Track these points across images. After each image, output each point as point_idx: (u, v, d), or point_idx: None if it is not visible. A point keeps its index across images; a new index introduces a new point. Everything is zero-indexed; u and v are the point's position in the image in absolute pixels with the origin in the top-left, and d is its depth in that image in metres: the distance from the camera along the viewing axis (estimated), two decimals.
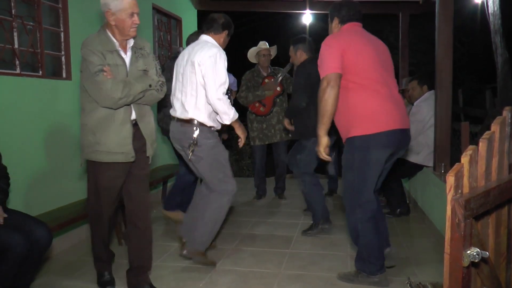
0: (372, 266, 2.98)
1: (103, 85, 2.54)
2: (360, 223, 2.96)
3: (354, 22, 3.04)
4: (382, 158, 2.85)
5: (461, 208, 1.29)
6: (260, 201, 5.51)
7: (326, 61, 2.81)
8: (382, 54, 2.96)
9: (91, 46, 2.62)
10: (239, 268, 3.34)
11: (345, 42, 2.84)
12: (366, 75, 2.82)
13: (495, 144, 1.56)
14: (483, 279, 1.53)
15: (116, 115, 2.67)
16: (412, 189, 5.29)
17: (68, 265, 3.45)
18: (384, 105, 2.81)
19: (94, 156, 2.72)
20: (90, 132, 2.68)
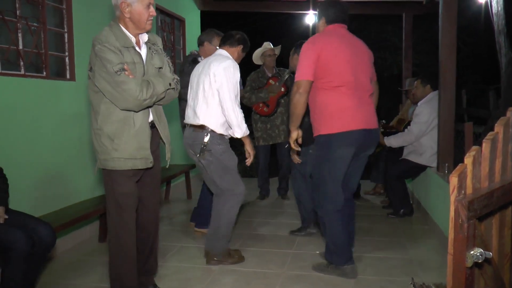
0: (339, 258, 3.17)
1: (126, 86, 2.33)
2: (326, 216, 3.16)
3: (339, 23, 3.16)
4: (346, 155, 3.05)
5: (464, 209, 1.29)
6: (264, 201, 5.52)
7: (301, 66, 3.03)
8: (359, 57, 3.12)
9: (108, 42, 2.38)
10: (242, 268, 3.35)
11: (320, 46, 3.01)
12: (336, 78, 3.00)
13: (498, 145, 1.56)
14: (486, 280, 1.53)
15: (135, 118, 2.48)
16: (415, 190, 5.28)
17: (71, 265, 3.46)
18: (349, 106, 3.01)
19: (111, 164, 2.49)
20: (107, 138, 2.46)
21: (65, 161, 3.78)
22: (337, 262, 3.17)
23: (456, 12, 4.06)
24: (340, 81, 3.00)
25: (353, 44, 3.12)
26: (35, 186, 3.42)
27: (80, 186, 3.95)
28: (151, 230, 2.86)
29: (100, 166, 2.54)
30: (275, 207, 5.24)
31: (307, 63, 3.00)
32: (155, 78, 2.49)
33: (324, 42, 3.04)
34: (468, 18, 10.16)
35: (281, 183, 5.60)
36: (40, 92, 3.52)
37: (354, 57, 3.06)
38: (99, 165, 2.55)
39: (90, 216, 3.64)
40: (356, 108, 3.02)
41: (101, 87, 2.39)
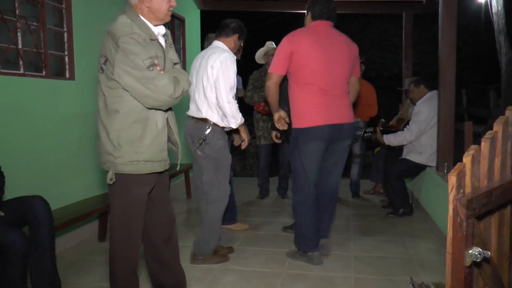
0: (305, 245, 3.38)
1: (160, 82, 2.11)
2: (297, 204, 3.38)
3: (323, 20, 3.25)
4: (314, 149, 3.23)
5: (463, 208, 1.28)
6: (263, 200, 5.52)
7: (275, 59, 3.22)
8: (335, 56, 3.21)
9: (134, 34, 2.14)
10: (242, 268, 3.35)
11: (295, 44, 3.14)
12: (307, 76, 3.16)
13: (497, 143, 1.56)
14: (485, 279, 1.53)
15: (157, 118, 2.28)
16: (415, 189, 5.28)
17: (71, 264, 3.46)
18: (317, 103, 3.18)
19: (128, 168, 2.23)
20: (126, 139, 2.21)
21: (64, 160, 3.78)
22: (303, 249, 3.39)
23: (456, 12, 4.06)
24: (310, 79, 3.16)
25: (331, 43, 3.21)
26: (34, 185, 3.42)
27: (79, 185, 3.95)
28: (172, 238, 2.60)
29: (115, 170, 2.23)
30: (275, 207, 5.24)
31: (281, 57, 3.18)
32: (178, 75, 2.28)
33: (300, 39, 3.16)
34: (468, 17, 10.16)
35: (281, 183, 5.60)
36: (39, 91, 3.52)
37: (329, 56, 3.17)
38: (116, 168, 2.23)
39: (89, 215, 3.64)
40: (324, 105, 3.18)
41: (124, 83, 2.12)
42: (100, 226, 4.00)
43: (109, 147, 2.23)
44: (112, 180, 2.23)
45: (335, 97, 3.23)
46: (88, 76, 4.06)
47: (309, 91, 3.18)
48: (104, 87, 2.22)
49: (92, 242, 3.98)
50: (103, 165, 2.32)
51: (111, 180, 2.23)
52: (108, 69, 2.17)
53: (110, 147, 2.22)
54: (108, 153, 2.24)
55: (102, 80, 2.22)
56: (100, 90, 2.25)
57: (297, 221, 3.42)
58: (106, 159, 2.26)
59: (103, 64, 2.20)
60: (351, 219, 4.66)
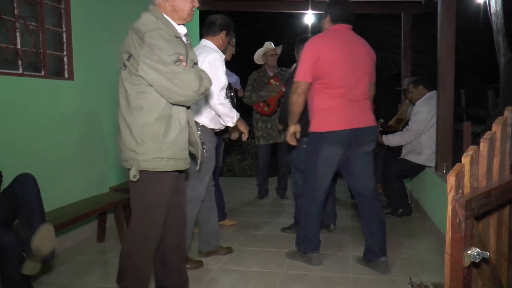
0: (306, 246, 3.39)
1: (186, 77, 2.08)
2: (304, 207, 3.36)
3: (344, 23, 3.19)
4: (332, 154, 3.16)
5: (462, 209, 1.29)
6: (262, 201, 5.52)
7: (301, 67, 3.13)
8: (358, 60, 3.16)
9: (160, 29, 2.14)
10: (241, 268, 3.35)
11: (320, 48, 3.08)
12: (331, 80, 3.08)
13: (496, 144, 1.56)
14: (484, 279, 1.53)
15: (180, 115, 2.26)
16: (414, 189, 5.28)
17: (70, 265, 3.45)
18: (338, 107, 3.10)
19: (152, 165, 2.20)
20: (150, 136, 2.18)
21: (63, 160, 3.77)
22: (303, 250, 3.40)
23: (454, 12, 4.07)
24: (334, 83, 3.08)
25: (354, 47, 3.15)
26: None
27: (78, 185, 3.94)
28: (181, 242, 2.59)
29: (139, 167, 2.20)
30: (274, 207, 5.24)
31: (307, 64, 3.09)
32: (201, 73, 2.23)
33: (324, 44, 3.10)
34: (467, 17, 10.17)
35: (280, 183, 5.60)
36: (38, 91, 3.52)
37: (352, 60, 3.11)
38: (139, 165, 2.20)
39: (88, 216, 3.64)
40: (346, 109, 3.10)
41: (150, 78, 2.11)
42: (99, 227, 3.99)
43: (132, 143, 2.20)
44: (136, 177, 2.20)
45: (358, 102, 3.16)
46: (87, 76, 4.06)
47: (331, 96, 3.11)
48: (127, 83, 2.21)
49: (91, 243, 3.97)
50: (125, 163, 2.28)
51: (135, 177, 2.20)
52: (131, 65, 2.16)
53: (133, 143, 2.20)
54: (131, 150, 2.21)
55: (125, 76, 2.21)
56: (122, 87, 2.25)
57: (302, 222, 3.41)
58: (128, 156, 2.23)
59: (126, 61, 2.19)
60: (350, 220, 4.66)
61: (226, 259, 3.53)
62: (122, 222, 3.89)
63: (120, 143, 2.31)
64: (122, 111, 2.26)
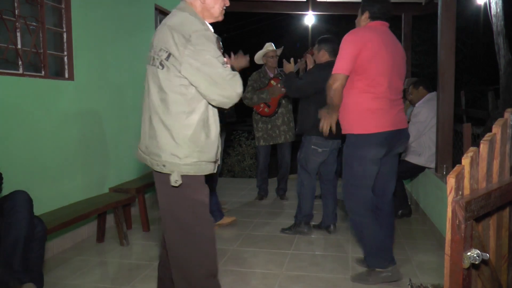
0: (382, 260, 3.05)
1: (231, 80, 2.05)
2: (360, 219, 3.07)
3: (382, 21, 3.07)
4: (376, 156, 2.99)
5: (462, 210, 1.28)
6: (262, 201, 5.52)
7: (341, 59, 2.94)
8: (397, 58, 3.04)
9: (206, 30, 2.08)
10: (240, 269, 3.35)
11: (363, 42, 2.90)
12: (373, 79, 2.93)
13: (496, 145, 1.56)
14: (483, 281, 1.53)
15: (215, 117, 2.19)
16: (414, 190, 5.28)
17: (70, 265, 3.45)
18: (381, 108, 2.95)
19: (195, 168, 2.12)
20: (193, 138, 2.09)
21: (63, 160, 3.77)
22: (382, 265, 3.05)
23: (455, 13, 4.07)
24: (376, 81, 2.93)
25: (392, 45, 3.04)
26: (33, 185, 3.41)
27: (78, 186, 3.94)
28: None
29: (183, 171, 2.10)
30: (273, 208, 5.24)
31: (347, 56, 2.91)
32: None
33: (367, 38, 2.93)
34: (467, 19, 10.18)
35: (280, 184, 5.60)
36: (38, 91, 3.52)
37: (392, 58, 2.98)
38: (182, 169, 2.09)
39: (88, 216, 3.63)
40: (387, 109, 2.97)
41: (194, 80, 2.04)
42: (99, 227, 3.99)
43: (173, 147, 2.09)
44: (177, 182, 2.09)
45: (395, 101, 3.04)
46: (87, 76, 4.07)
47: (376, 96, 2.95)
48: (165, 84, 2.08)
49: (90, 243, 3.97)
50: (160, 167, 2.12)
51: (176, 182, 2.08)
52: (172, 65, 2.05)
53: (174, 147, 2.09)
54: (171, 154, 2.09)
55: (163, 76, 2.08)
56: (156, 87, 2.11)
57: (366, 236, 3.08)
58: (167, 160, 2.09)
59: (165, 60, 2.06)
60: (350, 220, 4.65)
61: (225, 260, 3.53)
62: (121, 223, 3.89)
63: (151, 146, 2.15)
64: (159, 113, 2.10)
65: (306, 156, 4.03)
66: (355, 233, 3.17)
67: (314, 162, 4.03)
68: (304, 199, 4.15)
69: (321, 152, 3.98)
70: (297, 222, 4.20)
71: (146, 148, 2.19)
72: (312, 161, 4.02)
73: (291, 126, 5.31)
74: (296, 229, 4.18)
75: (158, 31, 2.15)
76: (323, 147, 3.96)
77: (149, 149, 2.16)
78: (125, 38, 4.69)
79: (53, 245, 3.66)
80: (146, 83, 2.19)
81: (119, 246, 3.88)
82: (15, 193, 2.68)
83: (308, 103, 4.00)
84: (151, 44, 2.18)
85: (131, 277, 3.21)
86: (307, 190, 4.13)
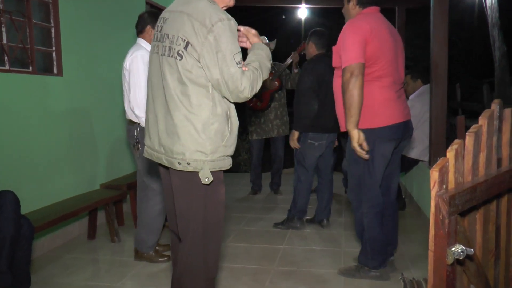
0: (375, 261, 2.99)
1: (239, 83, 1.91)
2: (365, 218, 2.95)
3: (374, 6, 2.88)
4: (388, 151, 2.86)
5: (445, 204, 1.25)
6: (256, 196, 5.49)
7: (349, 50, 2.69)
8: (399, 46, 2.90)
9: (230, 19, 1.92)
10: (231, 265, 3.32)
11: (369, 30, 2.71)
12: (381, 68, 2.76)
13: (482, 138, 1.53)
14: (470, 276, 1.50)
15: (234, 109, 2.07)
16: (407, 184, 5.26)
17: (61, 263, 3.42)
18: (390, 99, 2.81)
19: (220, 164, 2.01)
20: (218, 133, 1.96)
21: (53, 157, 3.73)
22: (372, 265, 3.00)
23: (447, 6, 4.04)
24: (383, 71, 2.76)
25: (393, 31, 2.87)
26: (21, 183, 3.37)
27: (68, 183, 3.90)
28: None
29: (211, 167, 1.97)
30: (267, 202, 5.21)
31: (357, 46, 2.68)
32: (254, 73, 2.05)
33: (370, 27, 2.71)
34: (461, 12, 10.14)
35: (274, 178, 5.57)
36: (26, 87, 3.47)
37: (394, 45, 2.81)
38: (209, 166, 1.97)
39: (78, 213, 3.60)
40: (396, 100, 2.82)
41: (208, 74, 1.90)
42: (90, 224, 3.96)
43: (198, 143, 1.94)
44: (209, 179, 1.96)
45: (399, 91, 2.89)
46: (76, 71, 4.02)
47: (381, 86, 2.77)
48: (186, 75, 1.91)
49: (81, 241, 3.94)
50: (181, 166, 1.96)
51: (208, 179, 1.96)
52: (191, 55, 1.89)
53: (199, 143, 1.94)
54: (197, 151, 1.94)
55: (182, 67, 1.91)
56: (178, 80, 1.94)
57: (367, 236, 2.97)
58: (191, 157, 1.94)
59: (183, 49, 1.89)
60: (343, 215, 4.64)
61: None
62: (112, 219, 3.86)
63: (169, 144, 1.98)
64: (180, 107, 1.94)
65: (303, 152, 4.00)
66: (357, 230, 3.07)
67: (312, 157, 4.00)
68: (300, 195, 4.12)
69: (318, 146, 3.95)
70: (290, 216, 4.18)
71: (161, 146, 2.01)
72: (310, 156, 3.99)
73: (284, 120, 5.27)
74: (289, 224, 4.16)
75: (172, 19, 1.96)
76: (319, 141, 3.93)
77: (167, 147, 1.99)
78: (115, 33, 4.64)
79: (44, 243, 3.62)
80: (158, 75, 2.01)
81: (110, 243, 3.84)
82: (1, 193, 2.65)
83: (300, 100, 3.94)
84: (162, 34, 2.00)
85: (122, 274, 3.18)
86: (303, 185, 4.10)
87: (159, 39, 2.01)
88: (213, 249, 2.13)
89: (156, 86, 2.03)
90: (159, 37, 2.02)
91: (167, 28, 1.97)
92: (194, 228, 2.06)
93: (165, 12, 2.04)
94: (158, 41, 2.02)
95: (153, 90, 2.05)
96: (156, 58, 2.02)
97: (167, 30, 1.97)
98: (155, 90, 2.03)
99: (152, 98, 2.06)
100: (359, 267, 3.07)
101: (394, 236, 3.18)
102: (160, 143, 2.02)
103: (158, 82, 2.01)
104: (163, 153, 2.01)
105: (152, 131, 2.06)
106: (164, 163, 2.03)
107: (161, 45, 1.99)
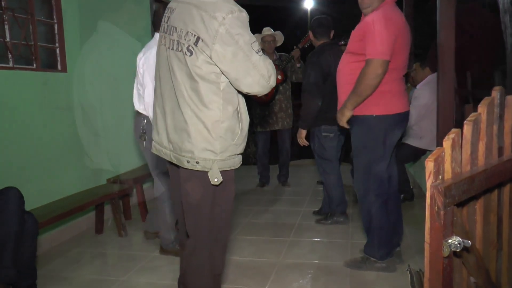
0: (381, 251, 2.97)
1: (265, 69, 1.86)
2: (373, 207, 2.92)
3: None
4: (396, 139, 2.89)
5: (441, 195, 1.22)
6: (264, 188, 5.47)
7: (380, 43, 2.65)
8: (409, 38, 2.90)
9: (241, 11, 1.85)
10: (238, 258, 3.31)
11: (398, 27, 2.70)
12: (397, 62, 2.76)
13: (482, 126, 1.49)
14: (469, 269, 1.47)
15: (245, 106, 2.01)
16: (416, 174, 5.20)
17: (68, 257, 3.45)
18: (400, 87, 2.85)
19: (230, 163, 1.96)
20: (228, 131, 1.91)
21: (58, 153, 3.75)
22: (379, 255, 2.97)
23: None
24: (397, 64, 2.77)
25: (406, 23, 2.85)
26: (26, 179, 3.40)
27: (75, 178, 3.92)
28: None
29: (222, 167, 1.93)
30: (275, 195, 5.19)
31: (389, 42, 2.65)
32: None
33: (399, 24, 2.72)
34: None
35: (281, 170, 5.54)
36: (30, 84, 3.48)
37: (408, 39, 2.84)
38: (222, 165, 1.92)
39: (85, 208, 3.63)
40: (403, 90, 2.89)
41: (225, 68, 1.83)
42: (97, 219, 3.98)
43: (207, 142, 1.89)
44: (218, 180, 1.91)
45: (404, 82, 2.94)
46: (80, 67, 4.02)
47: (393, 76, 2.78)
48: (196, 71, 1.84)
49: (89, 235, 3.96)
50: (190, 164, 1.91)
51: (217, 180, 1.91)
52: (201, 51, 1.81)
53: (209, 141, 1.88)
54: (206, 149, 1.89)
55: (192, 63, 1.84)
56: (188, 76, 1.87)
57: (374, 226, 2.94)
58: (200, 156, 1.89)
59: (193, 45, 1.82)
60: (350, 206, 4.59)
61: None
62: (119, 214, 3.88)
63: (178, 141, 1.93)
64: (189, 104, 1.87)
65: (321, 145, 3.96)
66: (363, 221, 3.05)
67: (331, 148, 3.96)
68: (332, 188, 4.00)
69: (334, 136, 3.92)
70: (331, 211, 4.07)
71: (170, 142, 1.97)
72: (329, 147, 3.95)
73: (289, 113, 5.22)
74: (331, 219, 4.05)
75: (179, 10, 1.89)
76: (333, 132, 3.90)
77: (176, 144, 1.94)
78: (119, 28, 4.63)
79: (51, 238, 3.65)
80: (166, 69, 1.95)
81: (117, 237, 3.87)
82: (6, 189, 2.66)
83: (305, 97, 3.87)
84: (169, 25, 1.94)
85: (129, 268, 3.20)
86: (332, 177, 3.99)
87: (166, 31, 1.95)
88: (220, 246, 2.11)
89: (164, 80, 1.98)
90: (166, 28, 1.96)
91: (174, 20, 1.90)
92: (202, 225, 2.03)
93: (173, 2, 1.98)
94: (165, 32, 1.96)
95: (161, 83, 2.00)
96: (164, 50, 1.96)
97: (174, 22, 1.90)
98: (163, 84, 1.98)
99: (160, 92, 2.01)
100: (365, 258, 3.05)
101: (399, 225, 3.15)
102: (168, 139, 1.97)
103: (166, 75, 1.96)
104: (172, 150, 1.97)
105: (160, 126, 2.03)
106: (172, 160, 1.99)
107: (168, 37, 1.93)
